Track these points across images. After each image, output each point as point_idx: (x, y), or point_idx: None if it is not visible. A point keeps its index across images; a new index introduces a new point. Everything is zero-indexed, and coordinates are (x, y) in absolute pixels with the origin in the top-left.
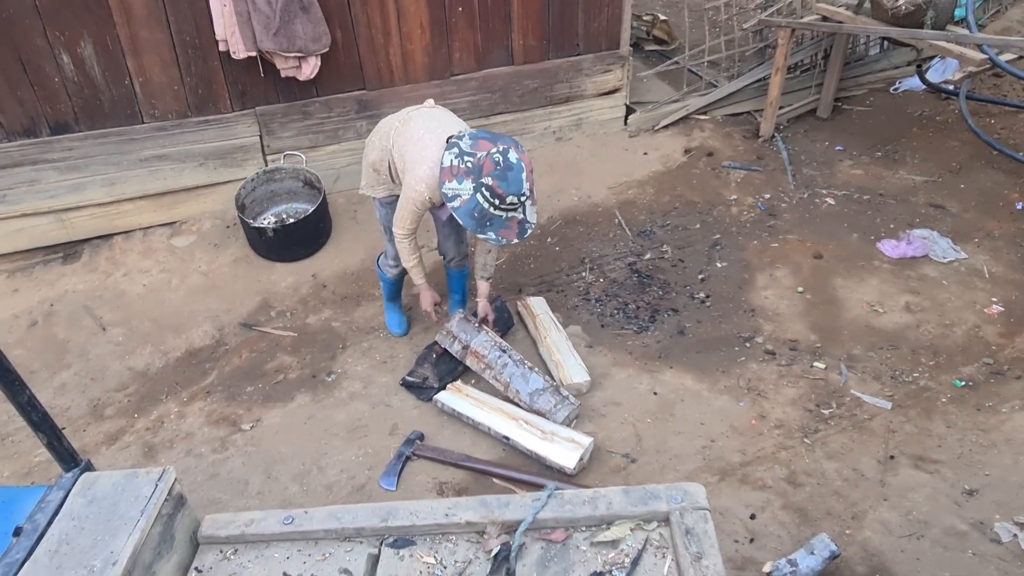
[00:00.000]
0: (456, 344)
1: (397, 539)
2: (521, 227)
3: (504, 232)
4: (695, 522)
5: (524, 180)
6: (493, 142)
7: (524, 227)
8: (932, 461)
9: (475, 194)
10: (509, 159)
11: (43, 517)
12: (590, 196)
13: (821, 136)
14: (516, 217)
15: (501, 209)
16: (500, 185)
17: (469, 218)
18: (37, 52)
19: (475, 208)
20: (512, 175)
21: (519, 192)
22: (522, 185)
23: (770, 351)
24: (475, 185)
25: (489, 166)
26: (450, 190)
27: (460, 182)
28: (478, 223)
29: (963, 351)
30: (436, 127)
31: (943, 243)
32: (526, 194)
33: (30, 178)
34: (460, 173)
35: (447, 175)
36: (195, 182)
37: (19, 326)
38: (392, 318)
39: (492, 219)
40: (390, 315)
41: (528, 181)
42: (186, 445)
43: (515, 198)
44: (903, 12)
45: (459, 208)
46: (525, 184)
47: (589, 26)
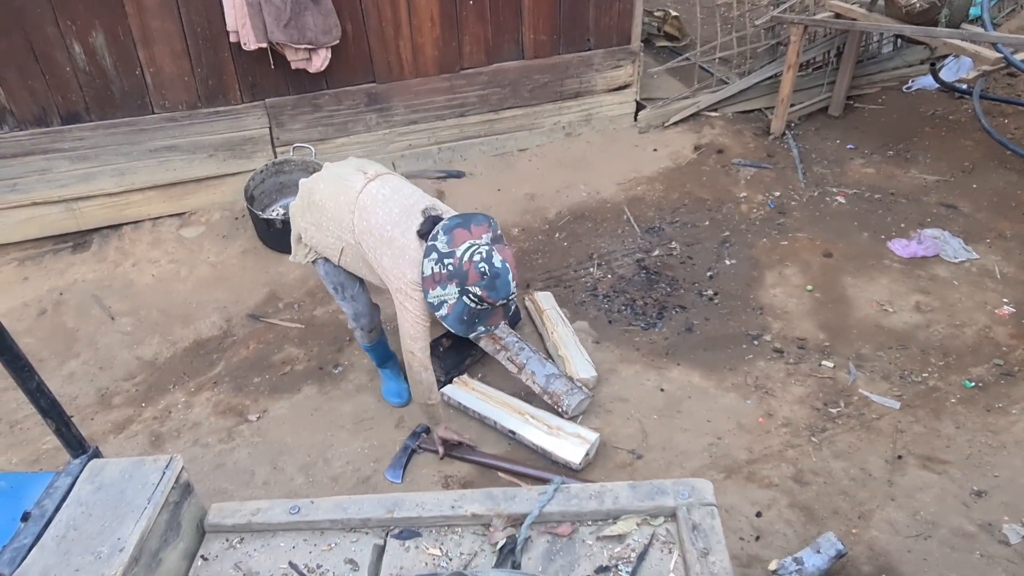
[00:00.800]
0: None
1: (403, 531)
2: (506, 310)
3: (491, 322)
4: (702, 518)
5: (511, 281)
6: (467, 228)
7: (508, 308)
8: (940, 461)
9: (461, 298)
10: (494, 265)
11: (51, 503)
12: (599, 192)
13: (832, 134)
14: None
15: (488, 304)
16: (490, 295)
17: (458, 323)
18: (49, 41)
19: (463, 312)
20: (500, 281)
21: (508, 295)
22: (510, 288)
23: (778, 349)
24: (460, 290)
25: (474, 276)
26: (436, 298)
27: (444, 288)
28: (467, 326)
29: (973, 352)
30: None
31: (954, 243)
32: (513, 293)
33: (41, 167)
34: (443, 279)
35: (429, 283)
36: (204, 173)
37: (29, 314)
38: (389, 386)
39: (479, 315)
40: (386, 383)
41: (515, 281)
42: (193, 435)
43: (504, 300)
44: (917, 10)
45: (447, 315)
46: (512, 284)
47: (600, 21)
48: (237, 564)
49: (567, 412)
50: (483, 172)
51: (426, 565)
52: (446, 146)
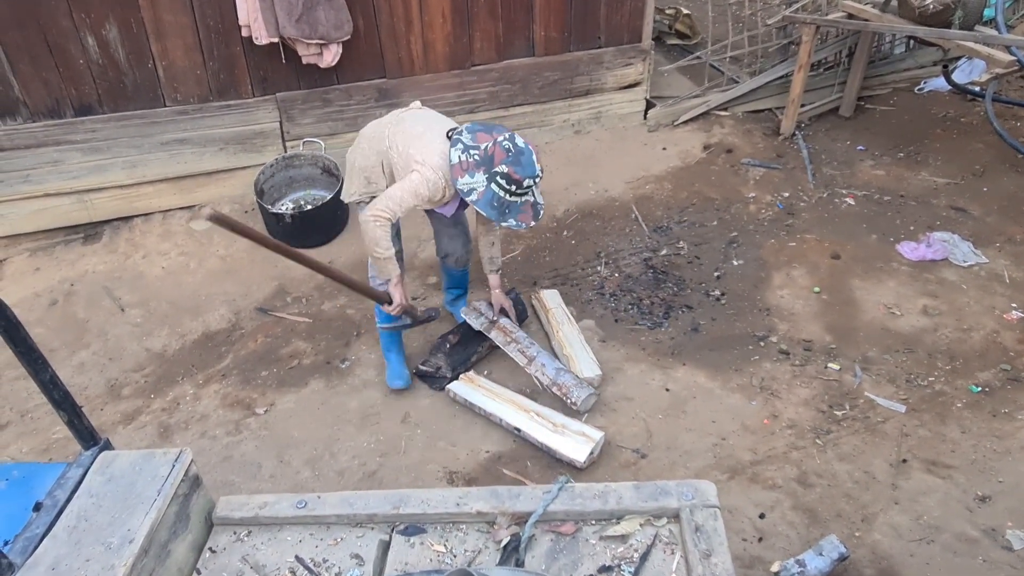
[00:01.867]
0: (482, 319)
1: (408, 526)
2: (535, 210)
3: (522, 217)
4: (705, 519)
5: (536, 162)
6: (490, 132)
7: (537, 209)
8: (945, 466)
9: (490, 184)
10: (518, 144)
11: (62, 493)
12: (607, 190)
13: (843, 135)
14: (529, 201)
15: (517, 195)
16: (516, 171)
17: (490, 208)
18: (63, 34)
19: (493, 198)
20: (525, 159)
21: (534, 174)
22: (535, 167)
23: (784, 351)
24: (488, 176)
25: (500, 154)
26: (465, 185)
27: (472, 176)
28: (499, 212)
29: (980, 356)
30: (432, 124)
31: (963, 247)
32: (540, 175)
33: (53, 159)
34: (471, 167)
35: (458, 171)
36: (215, 166)
37: (40, 305)
38: (392, 369)
39: (510, 206)
40: (390, 367)
41: (539, 163)
42: (201, 427)
43: (531, 180)
44: (931, 11)
45: (478, 201)
46: (537, 166)
47: (611, 19)
48: (244, 557)
49: (576, 404)
50: None
51: (431, 561)
52: None
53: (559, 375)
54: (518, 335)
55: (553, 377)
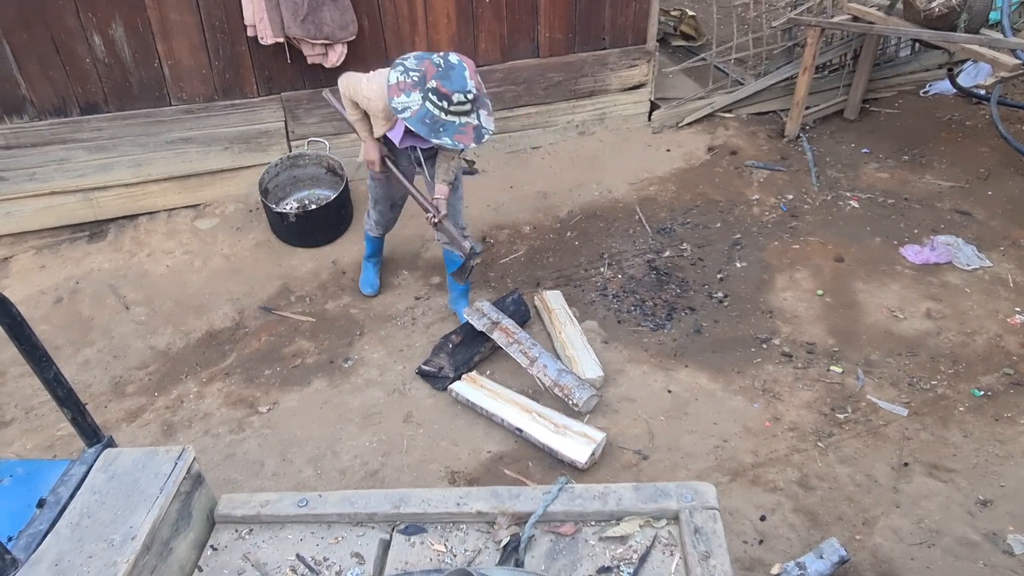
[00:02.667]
0: (484, 320)
1: (409, 526)
2: (477, 132)
3: (459, 137)
4: (704, 521)
5: (467, 78)
6: (430, 58)
7: (480, 132)
8: (947, 470)
9: (424, 103)
10: (450, 60)
11: (66, 490)
12: (611, 191)
13: (847, 137)
14: (470, 123)
15: (452, 113)
16: (444, 84)
17: (421, 124)
18: (69, 33)
19: (426, 115)
20: (455, 73)
21: (463, 88)
22: (466, 82)
23: (787, 353)
24: (422, 95)
25: (431, 70)
26: (399, 104)
27: (408, 95)
28: (430, 129)
29: (983, 360)
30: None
31: (967, 250)
32: (472, 92)
33: (59, 157)
34: (407, 87)
35: (395, 91)
36: (220, 165)
37: (45, 302)
38: (366, 277)
39: (444, 124)
40: (364, 273)
41: (473, 80)
42: (204, 425)
43: (461, 95)
44: (936, 14)
45: (411, 118)
46: (469, 82)
47: (616, 20)
48: (246, 555)
49: (577, 405)
50: (496, 169)
51: (431, 561)
52: None
53: (561, 376)
54: (520, 336)
55: (555, 378)
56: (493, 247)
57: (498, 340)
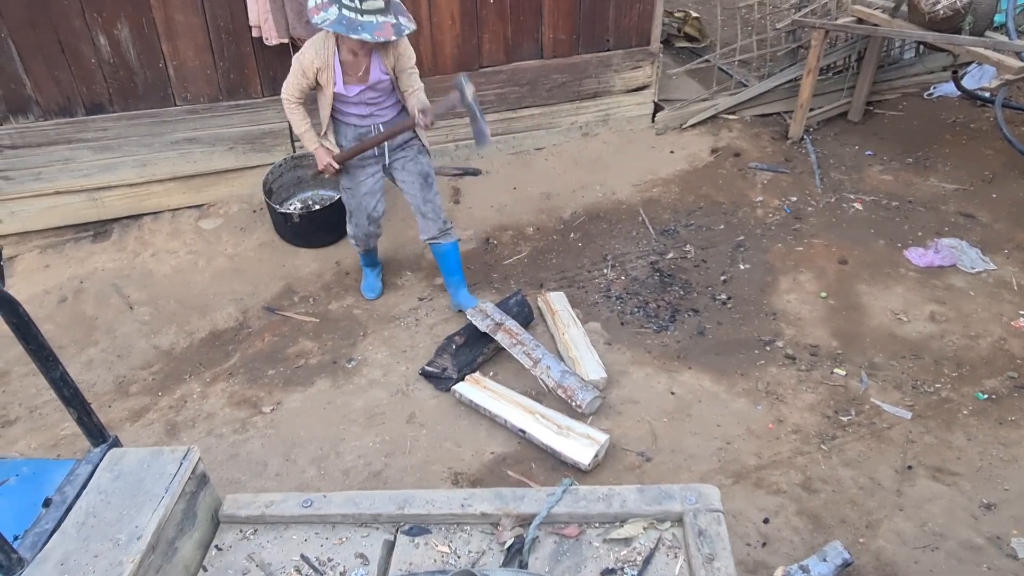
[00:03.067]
0: (488, 320)
1: (413, 527)
2: (396, 28)
3: (378, 32)
4: (708, 524)
5: None
6: None
7: (399, 28)
8: (950, 473)
9: (340, 11)
10: None
11: (71, 490)
12: (614, 193)
13: (851, 140)
14: (388, 22)
15: (367, 13)
16: None
17: (339, 25)
18: (75, 33)
19: (342, 19)
20: None
21: None
22: None
23: (790, 355)
24: (338, 5)
25: None
26: (320, 19)
27: (326, 11)
28: (349, 27)
29: (987, 363)
30: None
31: (972, 253)
32: None
33: (64, 157)
34: (324, 5)
35: (314, 11)
36: (224, 166)
37: (49, 301)
38: (367, 283)
39: (361, 24)
40: (365, 279)
41: None
42: (207, 425)
43: None
44: (941, 16)
45: (331, 24)
46: None
47: (620, 21)
48: (250, 555)
49: (581, 407)
50: (499, 170)
51: (435, 562)
52: (463, 143)
53: (564, 377)
54: (523, 337)
55: (558, 379)
56: (496, 248)
57: (502, 341)
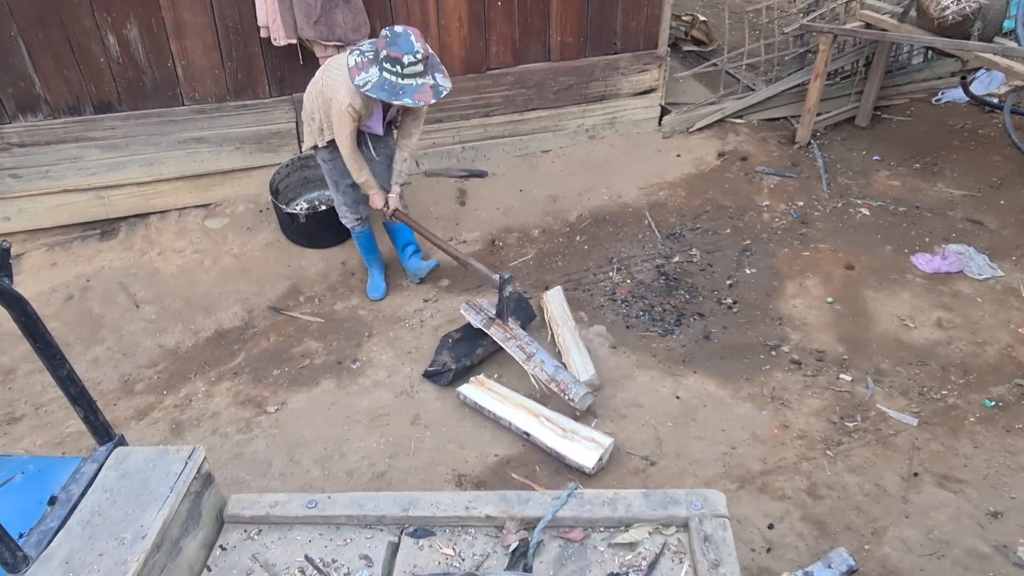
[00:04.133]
0: (481, 315)
1: (417, 529)
2: (435, 90)
3: (419, 96)
4: (714, 529)
5: (414, 41)
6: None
7: (438, 90)
8: (957, 480)
9: (381, 73)
10: (395, 29)
11: (77, 488)
12: (621, 196)
13: (859, 145)
14: (427, 83)
15: (408, 77)
16: (393, 49)
17: (381, 90)
18: (84, 32)
19: (383, 83)
20: (401, 39)
21: (412, 50)
22: (413, 44)
23: (796, 360)
24: (378, 67)
25: (381, 43)
26: (361, 80)
27: (367, 71)
28: (390, 93)
29: (994, 371)
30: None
31: (979, 259)
32: (420, 52)
33: (72, 155)
34: (364, 65)
35: (355, 72)
36: (231, 165)
37: (56, 299)
38: (372, 282)
39: (403, 88)
40: (371, 280)
41: (419, 42)
42: (212, 424)
43: (411, 56)
44: (950, 22)
45: (371, 88)
46: (416, 44)
47: (628, 25)
48: (254, 555)
49: (573, 400)
50: (506, 172)
51: (439, 564)
52: (469, 145)
53: (557, 372)
54: (517, 332)
55: (551, 374)
56: (502, 250)
57: (495, 336)
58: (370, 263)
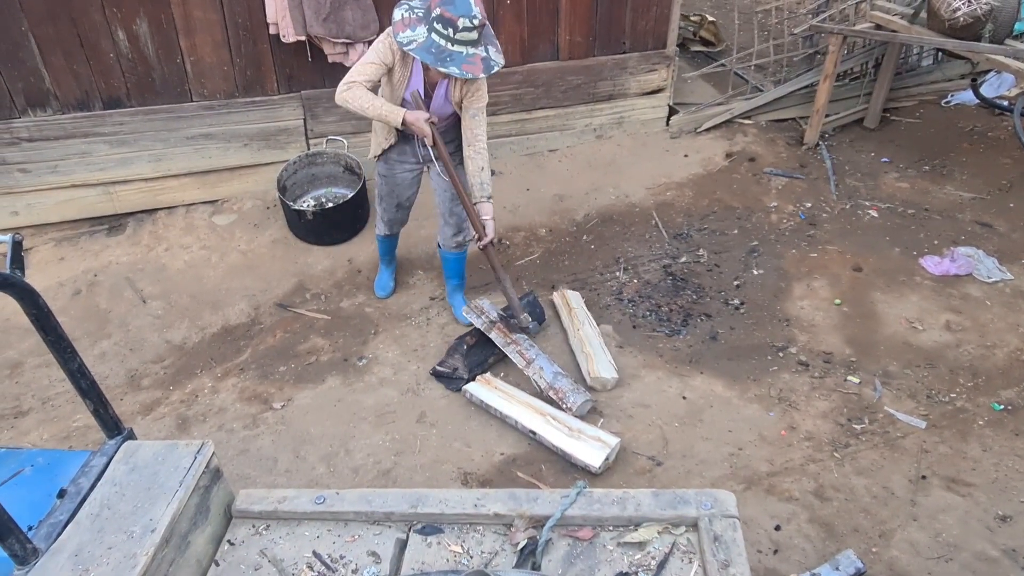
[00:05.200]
0: (483, 318)
1: (426, 526)
2: (486, 63)
3: (467, 67)
4: (724, 530)
5: (472, 4)
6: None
7: (489, 64)
8: (965, 484)
9: (429, 34)
10: None
11: (86, 481)
12: (628, 196)
13: (867, 146)
14: (478, 54)
15: (458, 43)
16: (448, 9)
17: (427, 53)
18: (94, 28)
19: (431, 45)
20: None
21: (468, 13)
22: (471, 8)
23: (803, 362)
24: (428, 27)
25: (435, 1)
26: (405, 38)
27: (413, 29)
28: (436, 58)
29: (1003, 374)
30: None
31: (988, 262)
32: (477, 17)
33: (81, 150)
34: (412, 22)
35: (400, 27)
36: (239, 162)
37: (64, 294)
38: (380, 280)
39: (451, 55)
40: (380, 276)
41: (478, 7)
42: (218, 420)
43: (467, 20)
44: (961, 24)
45: (416, 49)
46: (474, 8)
47: (636, 24)
48: (263, 551)
49: (571, 409)
50: (513, 171)
51: (447, 561)
52: None
53: (556, 379)
54: (517, 336)
55: (550, 381)
56: (509, 249)
57: (495, 339)
58: (384, 263)
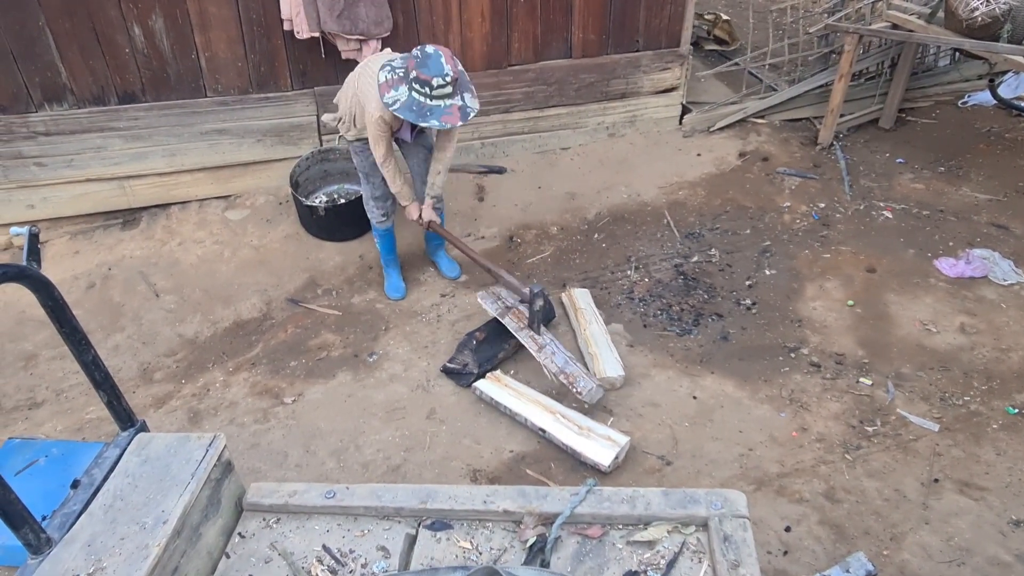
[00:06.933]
0: (498, 304)
1: (435, 522)
2: (463, 112)
3: (446, 118)
4: (734, 530)
5: (444, 63)
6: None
7: (466, 111)
8: (979, 488)
9: (410, 93)
10: (426, 50)
11: (99, 472)
12: (640, 194)
13: (882, 147)
14: (455, 104)
15: (436, 98)
16: (423, 72)
17: (409, 111)
18: (110, 23)
19: (412, 103)
20: (431, 61)
21: (441, 73)
22: (442, 67)
23: (815, 363)
24: (407, 86)
25: (411, 63)
26: (390, 99)
27: (396, 89)
28: (418, 114)
29: (1018, 377)
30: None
31: (1004, 265)
32: (450, 74)
33: (96, 145)
34: (395, 83)
35: (384, 89)
36: (252, 158)
37: (78, 287)
38: (390, 282)
39: (431, 109)
40: (388, 279)
41: (449, 64)
42: (230, 414)
43: (440, 79)
44: (978, 23)
45: (399, 108)
46: (445, 66)
47: (650, 22)
48: (273, 544)
49: (581, 393)
50: (525, 169)
51: (456, 557)
52: (489, 141)
53: (567, 364)
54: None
55: (561, 366)
56: (520, 247)
57: (508, 325)
58: (387, 263)
